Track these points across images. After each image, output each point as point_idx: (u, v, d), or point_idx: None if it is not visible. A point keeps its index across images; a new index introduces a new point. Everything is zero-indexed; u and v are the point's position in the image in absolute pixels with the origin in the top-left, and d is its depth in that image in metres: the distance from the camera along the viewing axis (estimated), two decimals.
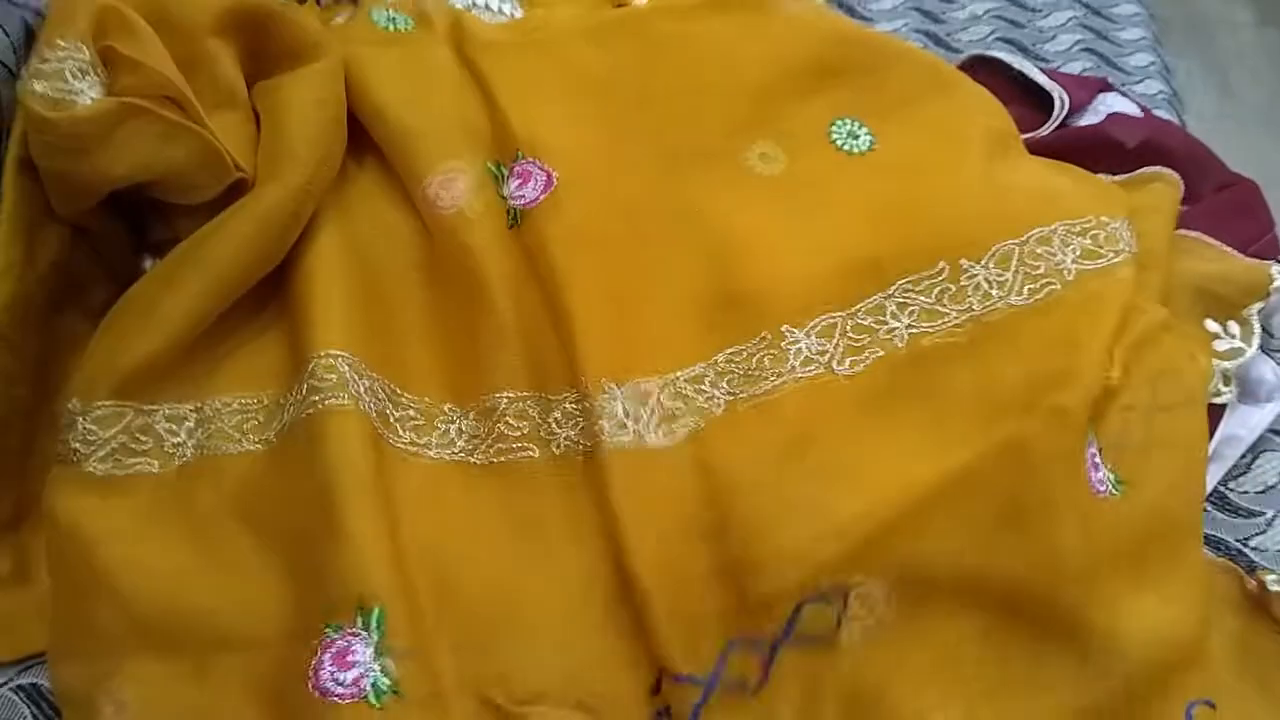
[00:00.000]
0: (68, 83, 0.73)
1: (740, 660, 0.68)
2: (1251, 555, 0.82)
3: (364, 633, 0.64)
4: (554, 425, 0.75)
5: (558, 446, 0.75)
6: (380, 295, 0.79)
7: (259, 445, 0.75)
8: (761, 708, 0.67)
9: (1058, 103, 1.08)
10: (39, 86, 0.72)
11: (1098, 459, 0.75)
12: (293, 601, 0.69)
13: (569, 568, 0.72)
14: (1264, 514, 0.84)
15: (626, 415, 0.73)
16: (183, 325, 0.75)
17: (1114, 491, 0.75)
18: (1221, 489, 0.85)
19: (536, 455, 0.75)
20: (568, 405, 0.75)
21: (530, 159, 0.81)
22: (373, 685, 0.63)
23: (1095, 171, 0.99)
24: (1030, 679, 0.70)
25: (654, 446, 0.73)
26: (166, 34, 0.78)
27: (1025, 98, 1.10)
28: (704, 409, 0.75)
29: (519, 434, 0.75)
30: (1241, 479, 0.86)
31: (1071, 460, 0.72)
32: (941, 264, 0.80)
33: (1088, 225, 0.84)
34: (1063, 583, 0.70)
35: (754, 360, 0.77)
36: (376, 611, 0.64)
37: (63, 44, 0.74)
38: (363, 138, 0.86)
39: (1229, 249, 0.95)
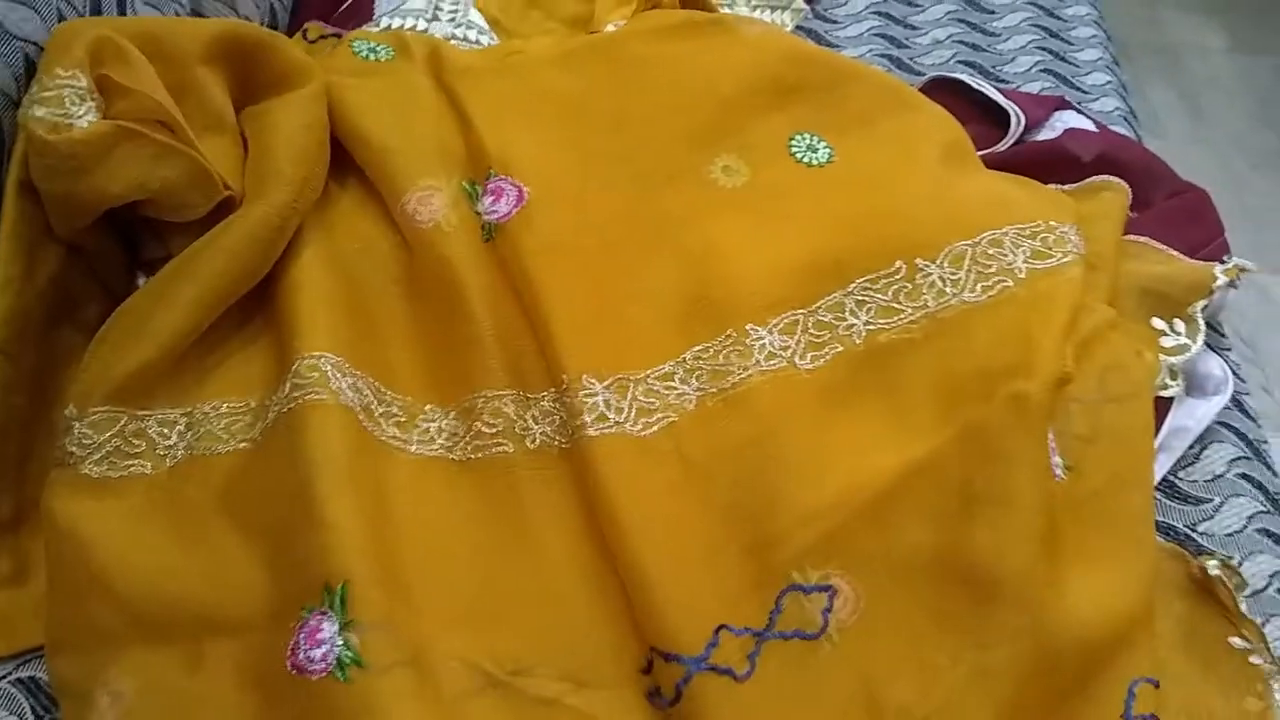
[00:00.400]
0: (66, 108, 0.77)
1: (728, 647, 0.71)
2: (1200, 540, 0.86)
3: (330, 610, 0.67)
4: (530, 422, 0.79)
5: (533, 441, 0.78)
6: (363, 306, 0.83)
7: (245, 444, 0.79)
8: (745, 698, 0.69)
9: (1014, 120, 1.13)
10: (39, 112, 0.77)
11: (1053, 444, 0.78)
12: (275, 588, 0.72)
13: (550, 552, 0.76)
14: (1211, 500, 0.88)
15: (608, 407, 0.77)
16: (174, 335, 0.79)
17: (1063, 477, 0.79)
18: (1171, 478, 0.89)
19: (512, 450, 0.79)
20: (545, 403, 0.79)
21: (503, 176, 0.86)
22: (338, 660, 0.66)
23: (1050, 184, 1.04)
24: (982, 661, 0.72)
25: (635, 435, 0.77)
26: (158, 62, 0.83)
27: (984, 117, 1.15)
28: (676, 405, 0.79)
29: (495, 430, 0.79)
30: (1190, 468, 0.90)
31: (1033, 444, 0.76)
32: (898, 264, 0.84)
33: (1037, 229, 0.89)
34: (1021, 566, 0.73)
35: (720, 356, 0.81)
36: (341, 588, 0.68)
37: (61, 72, 0.78)
38: (344, 161, 0.91)
39: (1174, 252, 1.00)
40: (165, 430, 0.80)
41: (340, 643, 0.66)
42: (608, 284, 0.84)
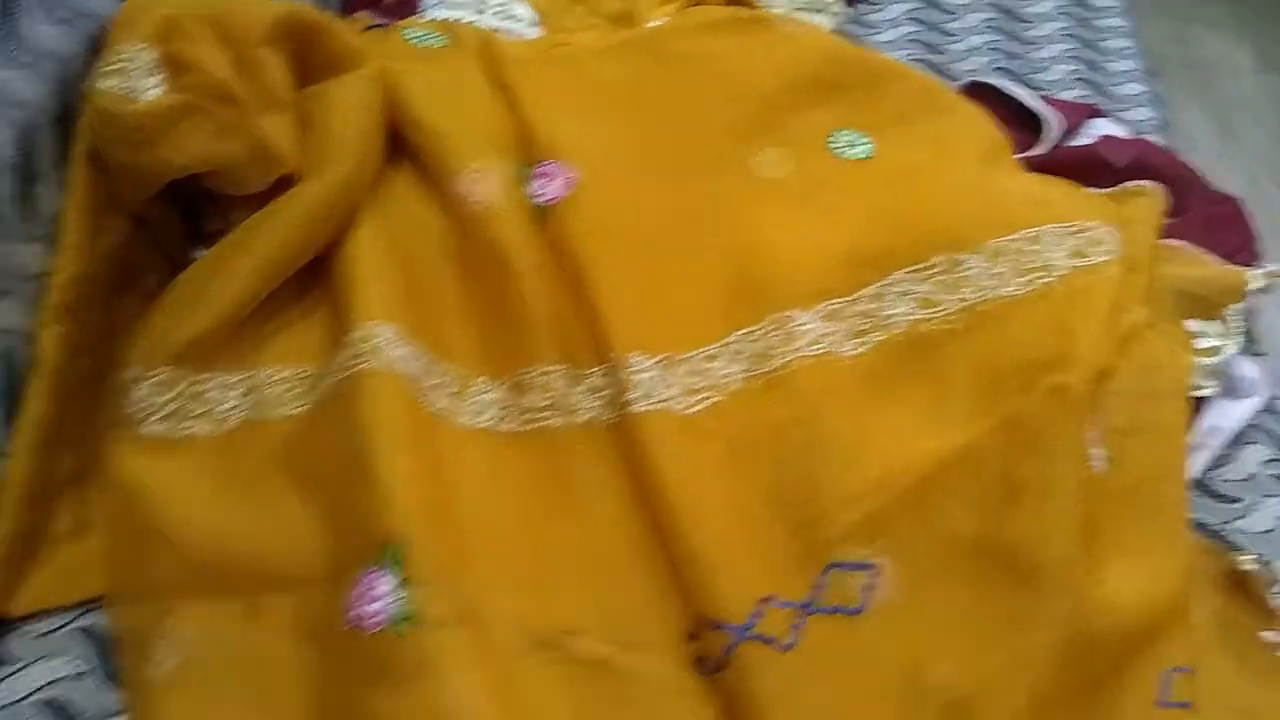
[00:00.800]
0: (133, 82, 0.80)
1: (773, 618, 0.72)
2: (1233, 538, 0.87)
3: (388, 567, 0.69)
4: (579, 396, 0.81)
5: (581, 415, 0.80)
6: (416, 281, 0.85)
7: (302, 409, 0.81)
8: (789, 668, 0.71)
9: (1048, 125, 1.14)
10: (108, 84, 0.79)
11: (1095, 436, 0.80)
12: (332, 545, 0.74)
13: (597, 521, 0.77)
14: (1244, 500, 0.89)
15: (655, 384, 0.79)
16: (233, 303, 0.82)
17: (1103, 468, 0.80)
18: (1204, 477, 0.90)
19: (561, 424, 0.80)
20: (594, 379, 0.81)
21: (552, 161, 0.88)
22: (394, 616, 0.67)
23: (1085, 187, 1.06)
24: (1020, 645, 0.73)
25: (681, 412, 0.79)
26: (222, 41, 0.85)
27: (1019, 122, 1.17)
28: (720, 385, 0.81)
29: (545, 404, 0.81)
30: (1224, 468, 0.91)
31: (1072, 435, 0.78)
32: (938, 257, 0.86)
33: (1076, 228, 0.90)
34: (1061, 554, 0.74)
35: (764, 340, 0.82)
36: (398, 547, 0.69)
37: (129, 47, 0.81)
38: (397, 144, 0.92)
39: (1210, 256, 1.01)
40: (224, 394, 0.82)
41: (397, 599, 0.68)
42: (654, 267, 0.86)
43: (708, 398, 0.81)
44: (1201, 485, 0.90)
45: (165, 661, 0.73)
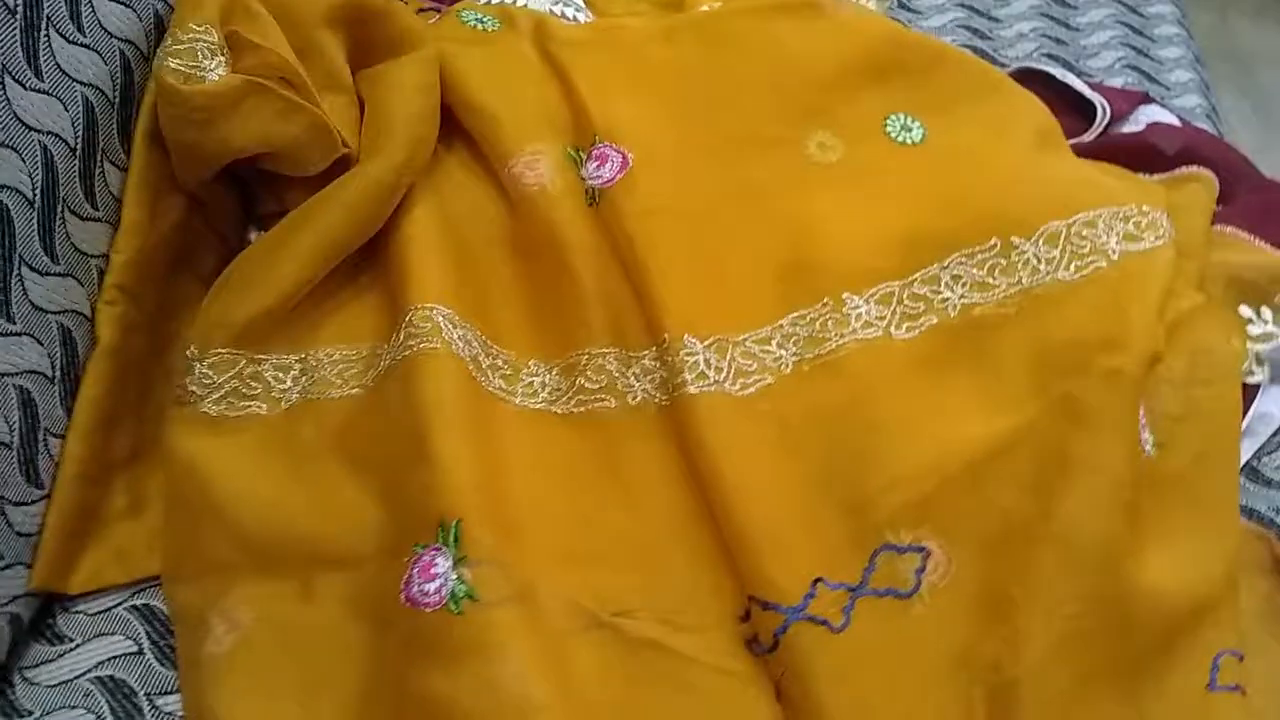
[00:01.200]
0: (198, 61, 0.81)
1: (824, 599, 0.73)
2: None
3: (444, 546, 0.70)
4: (632, 379, 0.81)
5: (634, 398, 0.81)
6: (470, 263, 0.86)
7: (358, 389, 0.82)
8: (840, 649, 0.71)
9: (1100, 111, 1.14)
10: (173, 63, 0.80)
11: (1144, 421, 0.80)
12: (387, 524, 0.75)
13: (650, 502, 0.78)
14: None
15: (708, 366, 0.80)
16: (292, 284, 0.83)
17: (1152, 453, 0.80)
18: (1254, 463, 0.90)
19: (614, 406, 0.81)
20: (646, 361, 0.81)
21: (607, 143, 0.88)
22: (451, 593, 0.68)
23: (1136, 173, 1.06)
24: (1070, 631, 0.74)
25: (734, 394, 0.79)
26: (283, 23, 0.86)
27: (1068, 109, 1.16)
28: (772, 368, 0.81)
29: (598, 386, 0.82)
30: (1274, 454, 0.91)
31: (1125, 417, 0.78)
32: (993, 240, 0.86)
33: (1130, 213, 0.90)
34: (1108, 531, 0.75)
35: (817, 324, 0.83)
36: (455, 525, 0.70)
37: (194, 27, 0.82)
38: (451, 126, 0.93)
39: (1263, 243, 1.01)
40: (280, 374, 0.83)
41: (454, 577, 0.69)
42: (707, 248, 0.86)
43: (760, 380, 0.81)
44: (1251, 471, 0.89)
45: (222, 640, 0.75)
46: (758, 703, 0.72)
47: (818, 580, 0.73)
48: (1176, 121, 1.16)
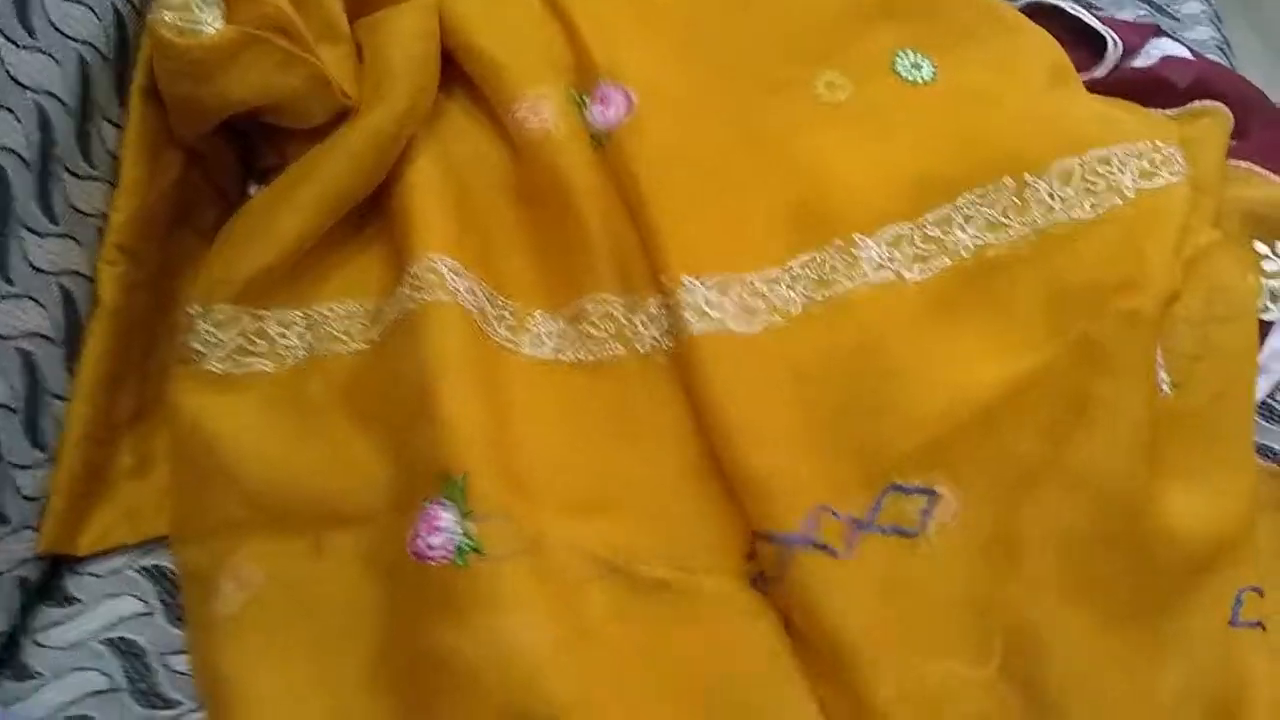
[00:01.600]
0: (194, 13, 0.79)
1: (828, 527, 0.72)
2: None
3: (450, 499, 0.70)
4: (639, 326, 0.80)
5: (642, 345, 0.80)
6: (474, 211, 0.85)
7: (364, 344, 0.82)
8: (846, 576, 0.71)
9: (1110, 45, 1.12)
10: (169, 16, 0.79)
11: (1160, 361, 0.79)
12: (395, 479, 0.75)
13: (659, 448, 0.78)
14: None
15: (709, 305, 0.78)
16: (296, 237, 0.82)
17: (1168, 393, 0.79)
18: (1270, 400, 0.89)
19: (623, 353, 0.80)
20: (652, 308, 0.80)
21: (611, 84, 0.86)
22: (457, 547, 0.68)
23: (1149, 109, 1.04)
24: (1088, 572, 0.74)
25: (738, 333, 0.78)
26: None
27: (1079, 43, 1.14)
28: (780, 308, 0.80)
29: (605, 334, 0.81)
30: None
31: (1143, 358, 0.77)
32: (1006, 179, 0.84)
33: (1144, 149, 0.88)
34: (1126, 470, 0.75)
35: (828, 265, 0.82)
36: (460, 479, 0.70)
37: None
38: (452, 71, 0.91)
39: (1276, 177, 0.99)
40: (285, 330, 0.82)
41: (460, 531, 0.69)
42: (715, 189, 0.85)
43: (767, 319, 0.80)
44: (1266, 409, 0.88)
45: (232, 599, 0.75)
46: (767, 635, 0.72)
47: (821, 507, 0.73)
48: (1189, 55, 1.14)
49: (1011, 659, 0.72)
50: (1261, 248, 0.93)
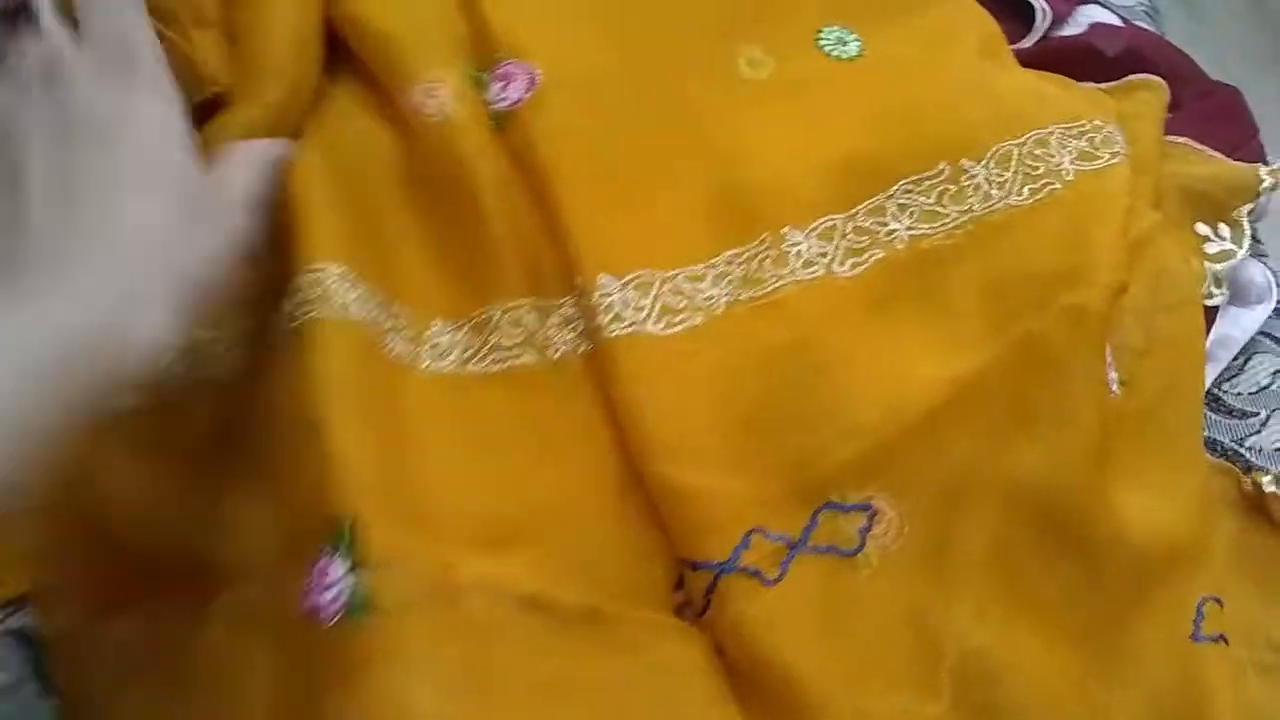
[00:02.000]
0: None
1: (760, 550, 0.66)
2: (1247, 456, 0.82)
3: (338, 549, 0.61)
4: (550, 331, 0.72)
5: (555, 351, 0.72)
6: (366, 212, 0.75)
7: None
8: (781, 604, 0.65)
9: (1039, 14, 1.07)
10: None
11: (1110, 359, 0.74)
12: (281, 527, 0.66)
13: (577, 464, 0.70)
14: (1258, 414, 0.85)
15: (625, 306, 0.71)
16: None
17: (1118, 393, 0.75)
18: (1215, 390, 0.85)
19: (533, 362, 0.72)
20: (565, 310, 0.73)
21: (512, 60, 0.78)
22: (348, 603, 0.60)
23: (1079, 80, 0.99)
24: (1036, 589, 0.70)
25: (656, 334, 0.71)
26: None
27: (1006, 13, 1.09)
28: (703, 308, 0.73)
29: (515, 342, 0.73)
30: (1235, 380, 0.86)
31: (1092, 358, 0.72)
32: (942, 165, 0.78)
33: (1083, 128, 0.84)
34: (1073, 482, 0.70)
35: (755, 262, 0.75)
36: (349, 525, 0.61)
37: None
38: (338, 52, 0.83)
39: (1215, 153, 0.96)
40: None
41: (351, 583, 0.60)
42: (628, 173, 0.77)
43: (688, 319, 0.72)
44: (1212, 399, 0.85)
45: (105, 668, 0.66)
46: (699, 662, 0.66)
47: (752, 531, 0.66)
48: (1119, 22, 1.10)
49: (962, 689, 0.67)
50: (1202, 229, 0.89)
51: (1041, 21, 1.05)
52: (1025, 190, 0.79)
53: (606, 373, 0.70)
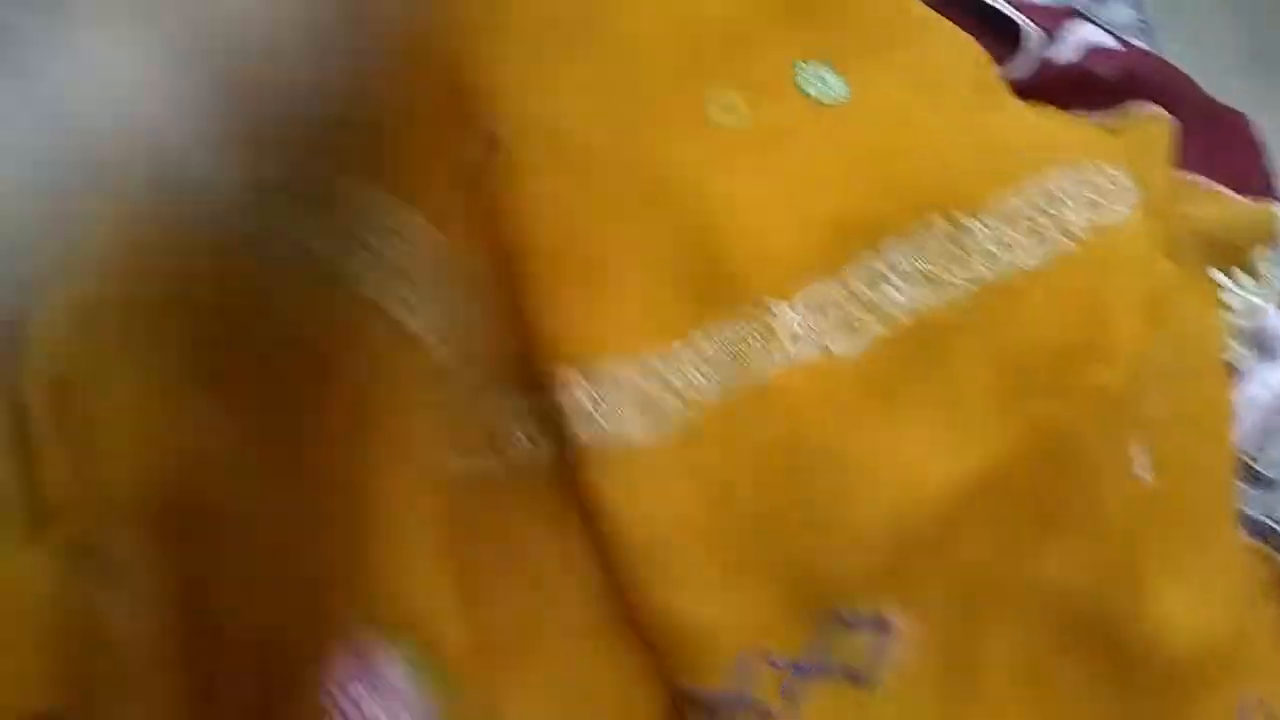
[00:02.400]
0: None
1: (764, 681, 0.60)
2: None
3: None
4: (511, 427, 0.64)
5: (518, 453, 0.64)
6: None
7: None
8: None
9: (1027, 36, 1.00)
10: None
11: (1137, 443, 0.67)
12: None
13: (555, 589, 0.62)
14: None
15: (597, 403, 0.63)
16: None
17: (1148, 480, 0.68)
18: (1243, 458, 0.78)
19: (494, 466, 0.64)
20: (529, 401, 0.64)
21: None
22: None
23: (1073, 106, 0.91)
24: (1063, 705, 0.64)
25: (636, 440, 0.63)
26: None
27: (985, 29, 1.01)
28: (685, 397, 0.65)
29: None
30: (1270, 449, 0.79)
31: (1116, 446, 0.66)
32: (936, 218, 0.70)
33: (1090, 174, 0.76)
34: (1103, 585, 0.64)
35: (739, 339, 0.66)
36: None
37: None
38: None
39: (1226, 189, 0.89)
40: None
41: None
42: (592, 240, 0.68)
43: (669, 415, 0.64)
44: (1240, 469, 0.77)
45: None
46: None
47: (753, 654, 0.60)
48: (1111, 40, 1.03)
49: None
50: (1217, 276, 0.82)
51: (1036, 45, 0.98)
52: (1032, 249, 0.71)
53: (580, 483, 0.62)
